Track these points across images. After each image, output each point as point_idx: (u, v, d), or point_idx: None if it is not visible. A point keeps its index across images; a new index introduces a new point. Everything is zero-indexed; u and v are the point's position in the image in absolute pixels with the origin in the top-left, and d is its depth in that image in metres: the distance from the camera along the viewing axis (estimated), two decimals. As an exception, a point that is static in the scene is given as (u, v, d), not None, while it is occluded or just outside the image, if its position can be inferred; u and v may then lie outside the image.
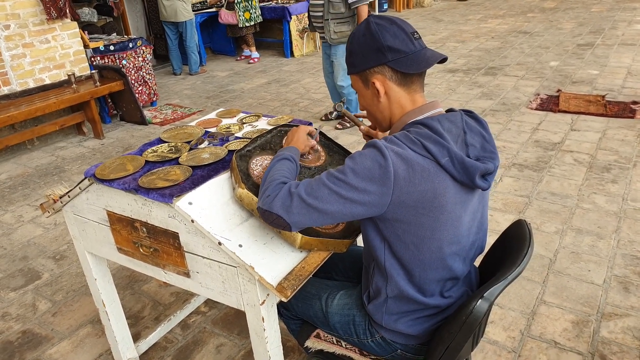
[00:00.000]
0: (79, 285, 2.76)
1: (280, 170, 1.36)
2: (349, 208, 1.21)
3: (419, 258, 1.29)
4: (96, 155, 4.67)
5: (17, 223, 3.50)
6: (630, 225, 2.93)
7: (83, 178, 1.60)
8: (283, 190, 1.25)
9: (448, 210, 1.24)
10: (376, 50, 1.28)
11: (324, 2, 4.29)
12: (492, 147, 1.31)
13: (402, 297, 1.36)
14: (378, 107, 1.35)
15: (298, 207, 1.22)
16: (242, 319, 2.41)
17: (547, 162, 3.78)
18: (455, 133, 1.27)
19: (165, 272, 1.58)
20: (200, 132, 1.92)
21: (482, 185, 1.25)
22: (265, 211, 1.26)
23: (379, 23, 1.29)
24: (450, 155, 1.20)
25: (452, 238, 1.29)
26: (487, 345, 2.16)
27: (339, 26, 4.33)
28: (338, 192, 1.20)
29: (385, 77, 1.30)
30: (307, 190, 1.22)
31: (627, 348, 2.10)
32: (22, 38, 4.74)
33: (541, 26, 8.64)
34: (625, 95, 5.01)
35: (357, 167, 1.19)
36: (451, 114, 1.31)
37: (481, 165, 1.23)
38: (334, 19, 4.30)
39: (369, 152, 1.20)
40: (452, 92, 5.59)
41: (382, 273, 1.36)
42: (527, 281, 2.52)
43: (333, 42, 4.41)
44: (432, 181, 1.19)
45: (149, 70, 5.81)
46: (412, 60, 1.27)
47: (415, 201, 1.20)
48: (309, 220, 1.24)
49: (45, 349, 2.35)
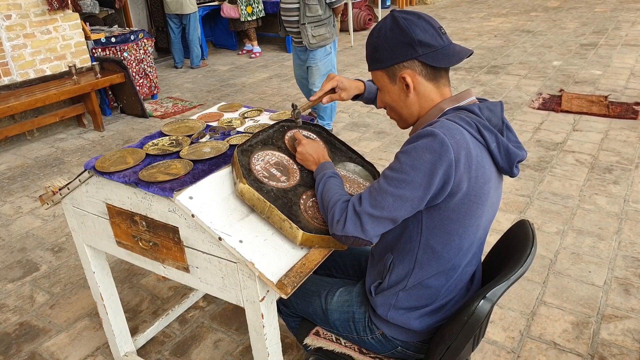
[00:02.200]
0: (77, 278, 2.75)
1: (333, 190, 1.36)
2: (415, 205, 1.21)
3: (459, 245, 1.29)
4: (96, 147, 4.66)
5: (16, 214, 3.49)
6: (632, 226, 2.92)
7: (83, 170, 1.59)
8: (349, 211, 1.25)
9: (491, 197, 1.27)
10: (407, 44, 1.26)
11: (299, 6, 4.04)
12: (516, 139, 1.35)
13: (420, 288, 1.35)
14: (405, 102, 1.33)
15: (369, 223, 1.22)
16: (241, 314, 2.40)
17: (549, 162, 3.77)
18: (494, 122, 1.28)
19: (164, 266, 1.56)
20: (202, 125, 1.91)
21: (516, 173, 1.30)
22: (341, 237, 1.26)
23: (407, 18, 1.27)
24: (497, 142, 1.23)
25: (486, 225, 1.33)
26: (486, 345, 2.16)
27: (317, 29, 4.10)
28: (403, 195, 1.19)
29: (415, 72, 1.28)
30: (372, 204, 1.22)
31: (627, 350, 2.09)
32: (23, 28, 4.71)
33: (544, 25, 8.61)
34: (628, 96, 5.00)
35: (416, 162, 1.17)
36: (491, 103, 1.32)
37: (520, 152, 1.27)
38: (311, 23, 4.07)
39: (426, 143, 1.17)
40: (454, 90, 5.57)
41: (408, 262, 1.34)
42: (527, 281, 2.52)
43: (312, 46, 4.15)
44: (483, 167, 1.21)
45: (150, 63, 5.79)
46: (442, 55, 1.27)
47: (469, 187, 1.21)
48: (384, 228, 1.25)
49: (43, 341, 2.34)
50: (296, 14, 4.09)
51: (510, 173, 1.29)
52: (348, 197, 1.32)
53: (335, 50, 4.44)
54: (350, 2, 8.11)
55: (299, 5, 4.04)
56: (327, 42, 4.19)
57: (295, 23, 4.12)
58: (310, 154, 1.57)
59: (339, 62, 7.13)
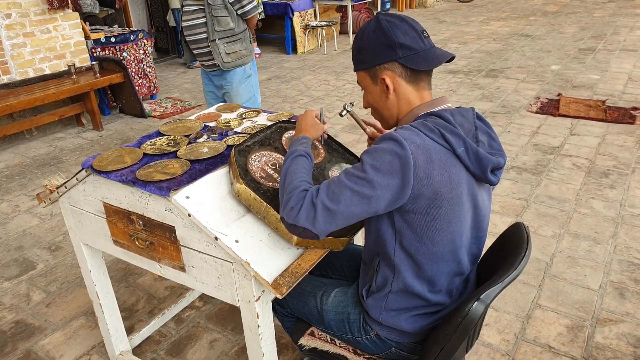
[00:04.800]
0: (74, 277, 2.75)
1: (298, 173, 1.33)
2: (373, 206, 1.20)
3: (432, 251, 1.29)
4: (94, 146, 4.66)
5: (13, 212, 3.49)
6: (628, 231, 2.93)
7: (80, 169, 1.59)
8: (306, 201, 1.23)
9: (463, 202, 1.26)
10: (387, 46, 1.29)
11: (206, 20, 3.38)
12: (498, 146, 1.34)
13: (406, 292, 1.36)
14: (386, 103, 1.36)
15: (323, 216, 1.21)
16: (236, 314, 2.41)
17: (546, 165, 3.78)
18: (467, 128, 1.29)
19: (160, 265, 1.57)
20: (200, 126, 1.91)
21: (493, 180, 1.27)
22: (290, 225, 1.24)
23: (390, 20, 1.30)
24: (465, 146, 1.23)
25: (463, 230, 1.30)
26: (481, 347, 2.16)
27: (231, 45, 3.46)
28: (361, 192, 1.19)
29: (395, 73, 1.31)
30: (330, 196, 1.21)
31: (621, 354, 2.10)
32: (23, 27, 4.72)
33: (543, 30, 8.63)
34: (625, 101, 5.01)
35: (376, 162, 1.19)
36: (463, 109, 1.33)
37: (493, 158, 1.25)
38: (224, 38, 3.42)
39: (386, 145, 1.19)
40: (453, 93, 5.58)
41: (389, 267, 1.35)
42: (522, 284, 2.52)
43: (227, 66, 3.50)
44: (449, 171, 1.21)
45: (149, 63, 5.79)
46: (422, 58, 1.29)
47: (434, 192, 1.21)
48: (335, 226, 1.23)
49: (38, 339, 2.34)
50: (203, 30, 3.43)
51: (485, 179, 1.26)
52: (308, 186, 1.29)
53: (256, 73, 3.89)
54: (349, 5, 8.14)
55: (205, 19, 3.40)
56: (246, 61, 3.59)
57: (204, 41, 3.45)
58: (300, 122, 1.56)
59: (339, 64, 7.15)
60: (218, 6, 3.35)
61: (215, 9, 3.36)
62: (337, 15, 9.23)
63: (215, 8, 3.35)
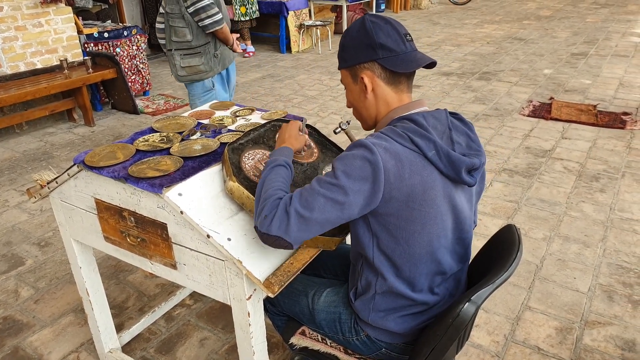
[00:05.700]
0: (63, 273, 2.73)
1: (274, 182, 1.31)
2: (346, 211, 1.21)
3: (409, 252, 1.30)
4: (86, 142, 4.62)
5: (2, 208, 3.45)
6: (617, 234, 2.95)
7: (72, 164, 1.58)
8: (279, 210, 1.21)
9: (437, 204, 1.26)
10: (368, 46, 1.30)
11: (164, 26, 3.16)
12: (477, 146, 1.34)
13: (390, 293, 1.36)
14: (364, 103, 1.38)
15: (296, 224, 1.20)
16: (227, 313, 2.40)
17: (537, 168, 3.80)
18: (440, 130, 1.30)
19: (151, 262, 1.56)
20: (193, 123, 1.90)
21: (468, 181, 1.27)
22: (263, 234, 1.23)
23: (374, 21, 1.32)
24: (436, 149, 1.23)
25: (441, 232, 1.31)
26: (471, 348, 2.17)
27: (187, 59, 3.23)
28: (333, 198, 1.19)
29: (374, 73, 1.32)
30: (302, 204, 1.20)
31: (609, 356, 2.12)
32: (14, 21, 4.67)
33: (536, 34, 8.69)
34: (616, 106, 5.06)
35: (347, 168, 1.20)
36: (436, 111, 1.34)
37: (467, 159, 1.25)
38: (180, 50, 3.21)
39: (357, 152, 1.21)
40: (446, 95, 5.60)
41: (371, 269, 1.36)
42: (513, 286, 2.54)
43: (180, 79, 3.30)
44: (420, 174, 1.22)
45: (142, 59, 5.76)
46: (401, 60, 1.30)
47: (406, 195, 1.21)
48: (309, 234, 1.23)
49: (26, 336, 2.32)
50: (163, 37, 3.26)
51: (460, 180, 1.26)
52: (283, 194, 1.28)
53: (224, 87, 3.60)
54: (344, 5, 8.14)
55: (164, 25, 3.18)
56: (204, 77, 3.34)
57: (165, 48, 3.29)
58: (283, 133, 1.57)
59: (333, 64, 7.14)
60: (175, 15, 3.11)
61: (172, 17, 3.13)
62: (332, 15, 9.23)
63: (172, 17, 3.13)
